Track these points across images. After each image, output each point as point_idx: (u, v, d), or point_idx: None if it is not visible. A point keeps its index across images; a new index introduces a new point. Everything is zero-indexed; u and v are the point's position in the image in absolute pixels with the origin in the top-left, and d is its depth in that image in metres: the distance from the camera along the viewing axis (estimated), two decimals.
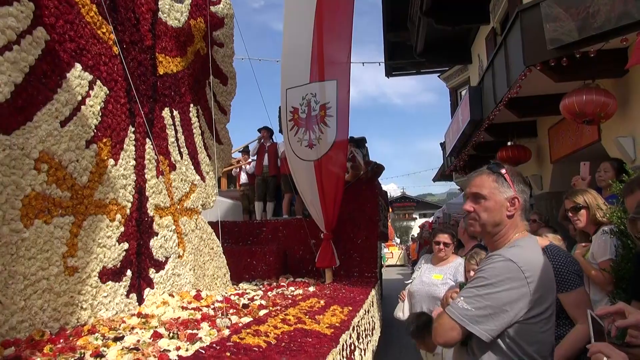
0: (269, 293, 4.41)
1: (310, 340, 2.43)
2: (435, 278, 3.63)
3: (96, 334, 2.40)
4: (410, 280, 3.93)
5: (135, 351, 2.10)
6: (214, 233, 4.53)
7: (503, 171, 1.62)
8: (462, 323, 1.46)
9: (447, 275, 3.59)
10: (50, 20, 2.53)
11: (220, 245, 4.61)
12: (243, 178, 9.12)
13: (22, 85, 2.33)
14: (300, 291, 4.56)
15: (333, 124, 5.37)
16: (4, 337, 2.20)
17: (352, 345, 3.06)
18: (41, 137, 2.45)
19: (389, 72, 16.23)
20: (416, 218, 37.49)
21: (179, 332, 2.44)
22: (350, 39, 5.65)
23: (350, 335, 2.99)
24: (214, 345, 2.12)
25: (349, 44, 5.65)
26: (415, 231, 27.30)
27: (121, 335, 2.37)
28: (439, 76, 17.36)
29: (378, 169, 6.77)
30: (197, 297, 3.66)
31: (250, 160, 9.01)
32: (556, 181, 7.95)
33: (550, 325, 1.53)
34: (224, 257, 4.72)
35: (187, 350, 2.15)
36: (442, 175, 18.51)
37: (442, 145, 15.88)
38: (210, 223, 4.47)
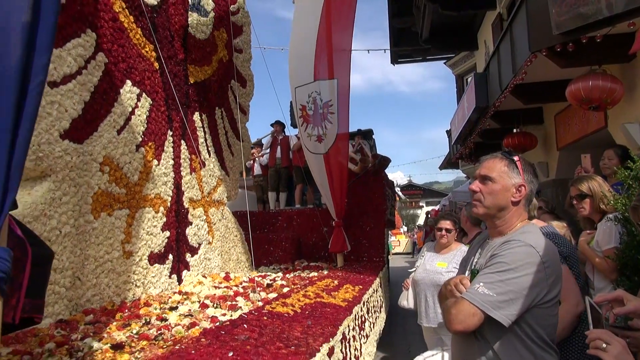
0: (287, 275, 4.93)
1: (329, 310, 2.94)
2: (439, 266, 3.67)
3: (153, 305, 2.93)
4: (414, 269, 4.00)
5: (190, 316, 2.63)
6: (237, 222, 5.05)
7: (516, 158, 1.66)
8: (484, 309, 1.46)
9: (452, 263, 3.62)
10: (107, 45, 3.01)
11: (242, 233, 5.14)
12: (257, 169, 9.63)
13: (89, 103, 2.83)
14: (315, 273, 5.08)
15: (335, 119, 5.82)
16: (83, 307, 2.73)
17: (363, 317, 3.57)
18: (104, 144, 2.95)
19: (395, 59, 15.96)
20: (423, 206, 37.90)
21: (220, 304, 2.96)
22: (351, 37, 6.05)
23: (361, 308, 3.50)
24: (253, 312, 2.64)
25: (350, 43, 6.06)
26: (422, 219, 27.70)
27: (175, 305, 2.90)
28: (445, 63, 17.19)
29: (385, 161, 7.24)
30: (227, 278, 4.18)
31: (263, 152, 9.52)
32: (562, 168, 7.90)
33: (558, 309, 1.59)
34: (246, 243, 5.25)
35: (231, 316, 2.67)
36: (449, 163, 18.41)
37: (448, 132, 15.69)
38: (238, 213, 4.99)
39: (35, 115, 1.09)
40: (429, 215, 18.59)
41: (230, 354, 1.80)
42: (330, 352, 2.24)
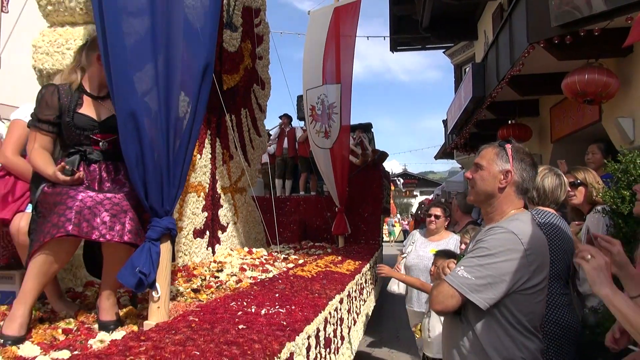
0: (297, 252, 5.82)
1: (337, 275, 3.82)
2: (432, 252, 3.52)
3: (203, 268, 3.80)
4: (404, 254, 4.08)
5: (234, 276, 3.51)
6: (256, 207, 5.91)
7: (507, 145, 1.67)
8: (462, 291, 1.51)
9: None
10: None
11: (260, 215, 6.00)
12: (264, 158, 10.46)
13: None
14: (321, 251, 5.97)
15: (337, 119, 6.62)
16: None
17: (362, 285, 4.47)
18: None
19: (394, 47, 16.07)
20: (417, 195, 38.87)
21: (254, 269, 3.84)
22: (353, 48, 6.82)
23: (361, 277, 4.39)
24: (281, 274, 3.52)
25: (352, 52, 6.83)
26: (416, 208, 28.58)
27: (220, 268, 3.78)
28: (444, 52, 17.20)
29: (383, 156, 8.12)
30: (250, 252, 5.06)
31: (270, 142, 10.35)
32: (556, 161, 7.18)
33: (543, 297, 1.60)
34: (262, 224, 6.12)
35: (265, 276, 3.55)
36: (444, 153, 18.63)
37: (445, 122, 15.73)
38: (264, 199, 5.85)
39: (196, 138, 1.95)
40: (422, 205, 19.30)
41: (277, 295, 2.68)
42: (341, 301, 3.14)
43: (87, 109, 2.09)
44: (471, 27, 12.91)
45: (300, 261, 4.67)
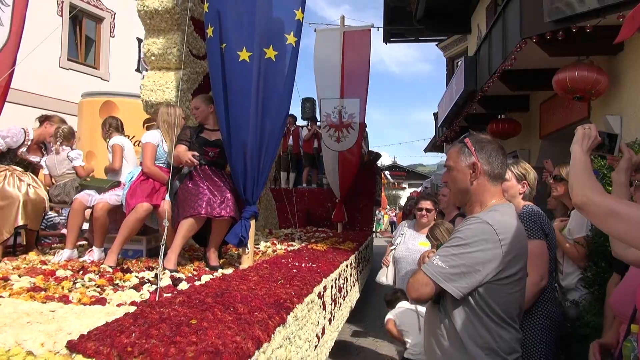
0: (305, 235, 7.18)
1: (342, 250, 5.17)
2: (422, 245, 3.74)
3: None
4: (393, 246, 4.20)
5: (270, 247, 4.85)
6: (272, 196, 7.25)
7: (467, 140, 1.70)
8: (436, 280, 1.54)
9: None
10: None
11: (274, 204, 7.34)
12: None
13: None
14: (324, 235, 7.32)
15: (356, 127, 7.85)
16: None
17: (359, 259, 5.86)
18: None
19: (387, 38, 16.27)
20: (405, 188, 40.32)
21: (281, 243, 5.19)
22: (368, 64, 7.99)
23: (359, 254, 5.77)
24: (303, 247, 4.87)
25: (369, 70, 8.01)
26: (404, 200, 29.99)
27: (258, 244, 5.11)
28: (437, 45, 17.34)
29: (377, 156, 9.49)
30: (270, 232, 6.41)
31: None
32: (544, 156, 7.09)
33: (519, 288, 1.61)
34: (276, 211, 7.47)
35: (292, 248, 4.89)
36: (434, 146, 19.01)
37: (435, 115, 16.15)
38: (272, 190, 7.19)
39: (274, 158, 3.27)
40: (412, 199, 20.41)
41: (306, 257, 4.03)
42: (346, 267, 4.50)
43: (205, 134, 3.44)
44: (465, 21, 13.05)
45: (312, 240, 6.03)
